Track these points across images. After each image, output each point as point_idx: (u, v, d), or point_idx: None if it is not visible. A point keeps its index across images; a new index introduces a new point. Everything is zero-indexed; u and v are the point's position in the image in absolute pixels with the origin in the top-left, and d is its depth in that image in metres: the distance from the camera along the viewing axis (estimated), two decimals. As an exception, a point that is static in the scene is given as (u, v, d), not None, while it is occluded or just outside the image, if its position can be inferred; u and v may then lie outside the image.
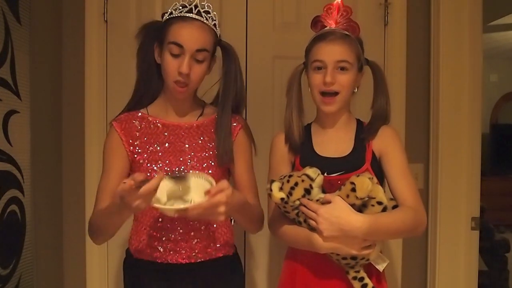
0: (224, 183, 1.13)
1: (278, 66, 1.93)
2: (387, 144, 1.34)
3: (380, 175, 1.34)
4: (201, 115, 1.39)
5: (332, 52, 1.29)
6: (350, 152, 1.34)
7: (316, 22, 1.36)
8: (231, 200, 1.13)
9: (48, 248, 1.84)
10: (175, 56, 1.26)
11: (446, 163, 1.92)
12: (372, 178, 1.23)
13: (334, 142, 1.37)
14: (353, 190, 1.17)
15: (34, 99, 1.67)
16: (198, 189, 1.16)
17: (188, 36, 1.25)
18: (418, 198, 1.31)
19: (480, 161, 1.94)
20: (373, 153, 1.34)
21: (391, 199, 1.30)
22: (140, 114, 1.37)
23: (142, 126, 1.35)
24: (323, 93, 1.31)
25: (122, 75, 1.92)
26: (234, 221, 1.43)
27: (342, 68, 1.29)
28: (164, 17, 1.30)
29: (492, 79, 6.19)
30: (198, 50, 1.26)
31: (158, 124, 1.36)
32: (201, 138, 1.35)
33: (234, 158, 1.37)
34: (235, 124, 1.38)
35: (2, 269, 1.46)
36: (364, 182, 1.17)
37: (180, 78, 1.26)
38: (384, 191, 1.26)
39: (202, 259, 1.34)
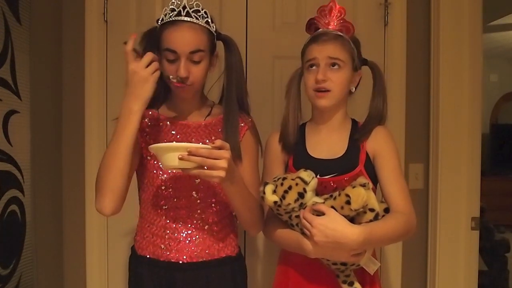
0: (227, 144, 1.16)
1: (278, 66, 1.93)
2: (381, 145, 1.33)
3: (375, 176, 1.33)
4: (209, 114, 1.40)
5: (323, 51, 1.30)
6: (343, 154, 1.33)
7: (311, 25, 1.36)
8: (232, 163, 1.16)
9: (48, 248, 1.84)
10: (171, 61, 1.27)
11: (446, 163, 1.91)
12: (367, 183, 1.22)
13: (327, 143, 1.36)
14: (348, 202, 1.15)
15: (34, 99, 1.67)
16: None
17: (180, 40, 1.25)
18: (409, 202, 1.30)
19: (480, 161, 1.94)
20: (367, 154, 1.33)
21: (382, 202, 1.29)
22: (150, 112, 1.39)
23: (151, 124, 1.37)
24: (316, 91, 1.32)
25: (122, 75, 1.88)
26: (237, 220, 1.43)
27: (334, 65, 1.29)
28: (158, 24, 1.30)
29: (492, 79, 6.19)
30: (192, 52, 1.25)
31: (167, 123, 1.37)
32: (208, 138, 1.36)
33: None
34: (242, 124, 1.38)
35: (2, 269, 1.46)
36: (359, 195, 1.15)
37: (180, 81, 1.27)
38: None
39: (204, 259, 1.34)
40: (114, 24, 1.93)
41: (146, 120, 1.37)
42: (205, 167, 1.13)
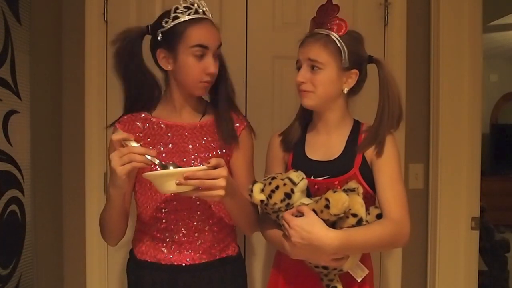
0: (222, 160, 1.14)
1: (278, 66, 1.94)
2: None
3: (373, 180, 1.30)
4: (204, 115, 1.39)
5: (304, 53, 1.30)
6: (338, 156, 1.31)
7: (312, 27, 1.36)
8: (230, 178, 1.16)
9: (48, 248, 1.84)
10: (199, 57, 1.27)
11: (446, 163, 1.92)
12: (357, 188, 1.21)
13: (324, 145, 1.35)
14: (327, 207, 1.13)
15: (34, 99, 1.67)
16: None
17: (210, 36, 1.28)
18: (403, 210, 1.25)
19: (480, 161, 1.94)
20: (364, 158, 1.30)
21: (376, 207, 1.27)
22: (143, 115, 1.38)
23: (146, 127, 1.36)
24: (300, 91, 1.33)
25: (122, 75, 1.91)
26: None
27: (314, 68, 1.28)
28: (168, 23, 1.27)
29: (492, 79, 6.19)
30: (218, 47, 1.31)
31: (162, 125, 1.36)
32: (204, 138, 1.35)
33: (234, 159, 1.37)
34: (237, 124, 1.38)
35: (2, 269, 1.46)
36: (340, 200, 1.12)
37: (207, 78, 1.29)
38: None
39: (206, 260, 1.34)
40: (114, 24, 1.93)
41: (138, 124, 1.36)
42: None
